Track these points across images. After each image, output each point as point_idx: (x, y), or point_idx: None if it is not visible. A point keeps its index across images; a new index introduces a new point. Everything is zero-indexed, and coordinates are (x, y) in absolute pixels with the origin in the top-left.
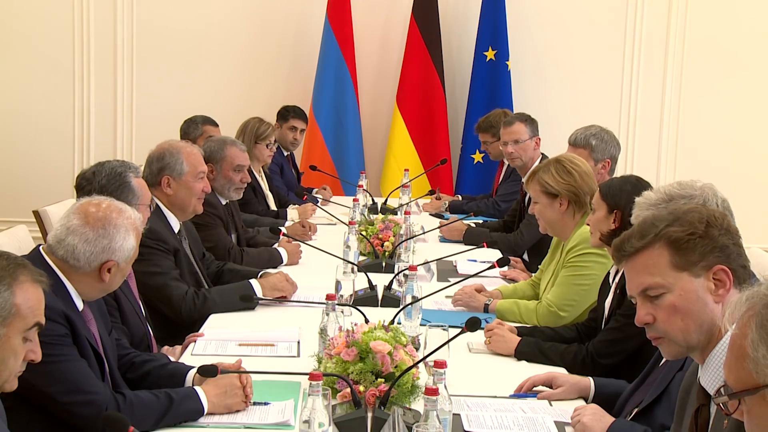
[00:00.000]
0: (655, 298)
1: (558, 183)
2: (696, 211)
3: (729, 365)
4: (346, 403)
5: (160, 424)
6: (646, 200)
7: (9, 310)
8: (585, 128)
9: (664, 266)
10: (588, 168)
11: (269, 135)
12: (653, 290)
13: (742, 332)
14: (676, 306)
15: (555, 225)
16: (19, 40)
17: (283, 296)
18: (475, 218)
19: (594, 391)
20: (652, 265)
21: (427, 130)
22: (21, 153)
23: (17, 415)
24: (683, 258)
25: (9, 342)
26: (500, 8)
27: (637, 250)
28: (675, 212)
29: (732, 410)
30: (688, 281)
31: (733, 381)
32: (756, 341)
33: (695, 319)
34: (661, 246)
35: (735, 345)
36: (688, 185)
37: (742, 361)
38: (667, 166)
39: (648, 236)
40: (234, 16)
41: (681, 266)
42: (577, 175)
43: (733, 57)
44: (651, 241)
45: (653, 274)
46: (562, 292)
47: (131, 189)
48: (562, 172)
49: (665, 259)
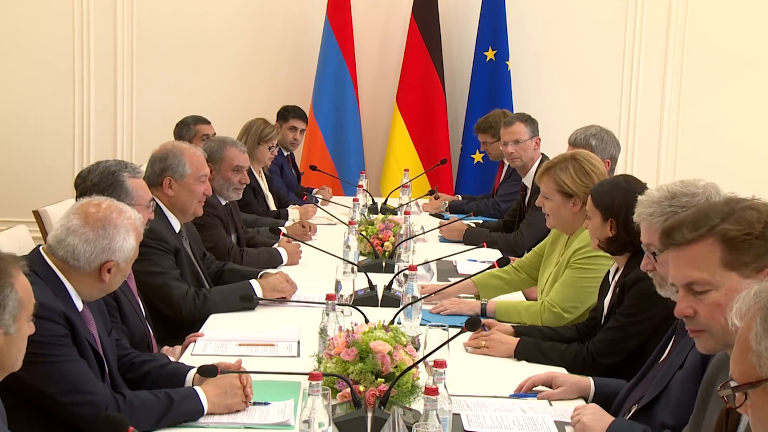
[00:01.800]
0: (699, 293)
1: (576, 184)
2: (755, 208)
3: (734, 359)
4: (346, 403)
5: (160, 424)
6: (648, 198)
7: (18, 306)
8: (585, 128)
9: (714, 263)
10: (604, 170)
11: (273, 137)
12: (699, 285)
13: (748, 326)
14: (721, 305)
15: (565, 223)
16: (19, 42)
17: (282, 296)
18: (475, 218)
19: (594, 390)
20: (701, 259)
21: (427, 130)
22: (21, 153)
23: (17, 415)
24: (735, 257)
25: (22, 333)
26: (500, 8)
27: (687, 242)
28: (731, 204)
29: (738, 404)
30: (736, 281)
31: (737, 374)
32: (760, 334)
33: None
34: (713, 241)
35: (741, 339)
36: (691, 184)
37: (746, 354)
38: (667, 166)
39: (701, 229)
40: (234, 17)
41: (731, 265)
42: (596, 177)
43: (733, 57)
44: (704, 235)
45: (701, 269)
46: (567, 294)
47: (124, 188)
48: (581, 173)
49: (716, 255)
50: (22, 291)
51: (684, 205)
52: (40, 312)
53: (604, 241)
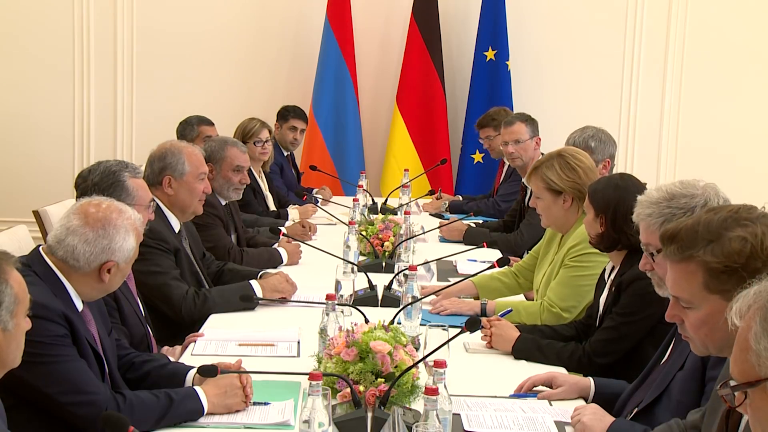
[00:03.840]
0: (684, 307)
1: (562, 180)
2: (741, 238)
3: (734, 358)
4: (346, 403)
5: (160, 424)
6: (647, 198)
7: (14, 302)
8: (581, 130)
9: (696, 285)
10: (591, 162)
11: (257, 132)
12: (682, 302)
13: (747, 325)
14: (703, 321)
15: (558, 221)
16: (19, 41)
17: (282, 297)
18: (475, 218)
19: (594, 390)
20: (685, 279)
21: (427, 130)
22: (21, 153)
23: (17, 415)
24: (716, 284)
25: (19, 329)
26: (500, 8)
27: (674, 261)
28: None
29: (738, 403)
30: (719, 303)
31: (737, 374)
32: (759, 334)
33: (721, 336)
34: (696, 267)
35: (740, 338)
36: (690, 185)
37: (745, 353)
38: (667, 166)
39: (686, 251)
40: (234, 17)
41: (713, 290)
42: (582, 172)
43: (733, 57)
44: (687, 258)
45: (684, 289)
46: (564, 293)
47: (124, 188)
48: (566, 169)
49: (699, 279)
50: (17, 286)
51: (683, 207)
52: (39, 312)
53: (595, 237)
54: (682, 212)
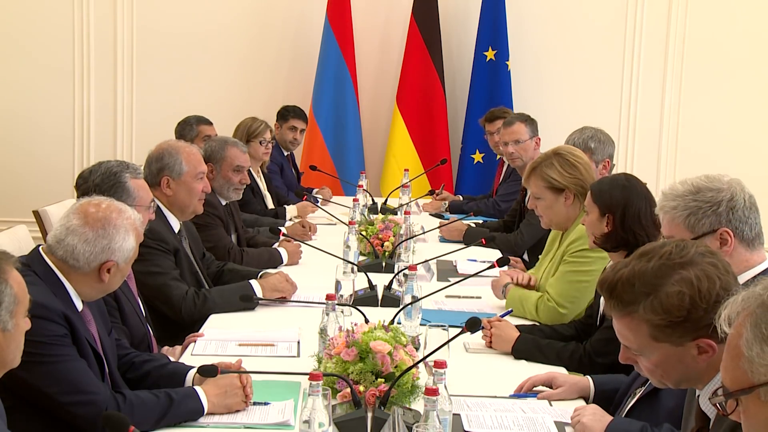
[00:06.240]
0: (635, 354)
1: (564, 177)
2: (677, 293)
3: (725, 365)
4: (346, 403)
5: (160, 424)
6: (672, 191)
7: (13, 302)
8: (579, 131)
9: (643, 337)
10: (587, 159)
11: (262, 132)
12: (633, 350)
13: (738, 332)
14: (656, 365)
15: (560, 219)
16: (19, 41)
17: (282, 297)
18: (475, 218)
19: (594, 390)
20: (630, 332)
21: (427, 130)
22: (21, 153)
23: (17, 415)
24: (663, 336)
25: (19, 328)
26: (500, 8)
27: (616, 316)
28: (655, 279)
29: (730, 411)
30: (668, 349)
31: (729, 381)
32: (750, 340)
33: (676, 374)
34: (639, 321)
35: (731, 345)
36: (716, 179)
37: (737, 360)
38: (667, 166)
39: (627, 308)
40: (234, 17)
41: (661, 339)
42: (582, 168)
43: (733, 57)
44: (630, 314)
45: (631, 341)
46: (562, 289)
47: (126, 189)
48: (566, 166)
49: (644, 332)
50: (16, 286)
51: (709, 200)
52: (39, 312)
53: (599, 237)
54: (708, 206)
